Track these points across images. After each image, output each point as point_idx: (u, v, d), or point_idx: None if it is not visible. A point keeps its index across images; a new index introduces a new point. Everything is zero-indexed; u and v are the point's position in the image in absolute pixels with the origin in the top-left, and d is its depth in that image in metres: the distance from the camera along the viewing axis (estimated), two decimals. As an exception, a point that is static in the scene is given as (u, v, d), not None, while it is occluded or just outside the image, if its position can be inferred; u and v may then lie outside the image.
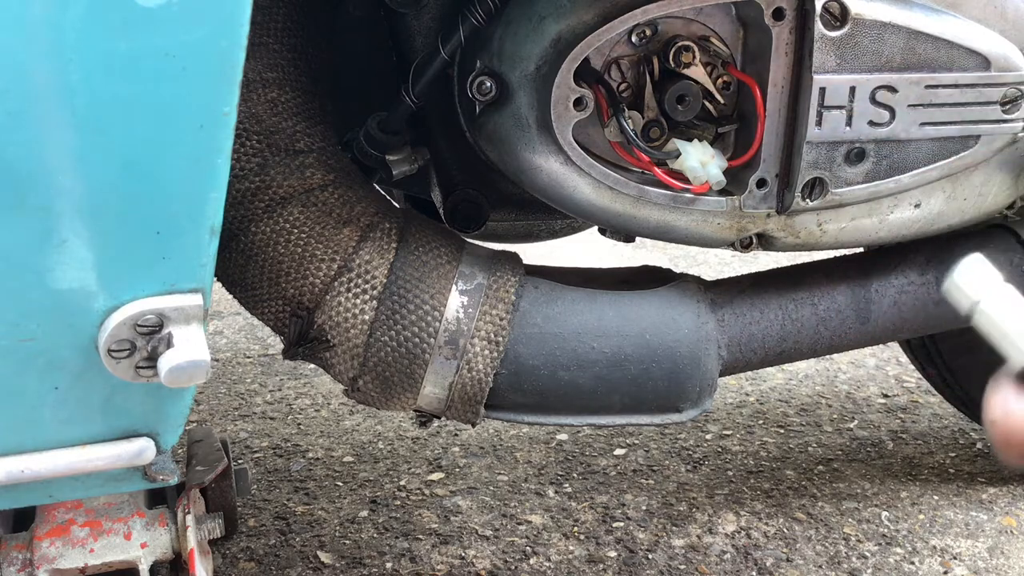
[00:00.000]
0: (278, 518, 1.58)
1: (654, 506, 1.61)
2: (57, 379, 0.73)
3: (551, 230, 1.37)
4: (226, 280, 0.99)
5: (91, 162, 0.62)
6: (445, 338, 0.97)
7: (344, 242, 0.96)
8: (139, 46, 0.58)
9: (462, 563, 1.46)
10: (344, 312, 0.96)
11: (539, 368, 1.00)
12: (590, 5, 0.93)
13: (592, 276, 1.12)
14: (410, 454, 1.78)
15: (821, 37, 0.91)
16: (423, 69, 1.03)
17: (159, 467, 0.86)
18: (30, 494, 0.83)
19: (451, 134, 1.13)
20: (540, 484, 1.68)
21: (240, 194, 0.93)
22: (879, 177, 0.99)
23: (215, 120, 0.63)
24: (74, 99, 0.59)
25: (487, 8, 0.98)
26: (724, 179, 0.96)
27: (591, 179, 0.97)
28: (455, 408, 1.02)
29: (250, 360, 2.19)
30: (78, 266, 0.66)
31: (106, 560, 1.04)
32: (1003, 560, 1.47)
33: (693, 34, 0.96)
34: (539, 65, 0.94)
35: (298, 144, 0.95)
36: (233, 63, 0.61)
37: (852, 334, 1.14)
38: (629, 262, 1.30)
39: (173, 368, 0.69)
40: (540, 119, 0.95)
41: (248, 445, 1.81)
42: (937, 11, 0.95)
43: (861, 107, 0.94)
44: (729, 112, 1.00)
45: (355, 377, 0.99)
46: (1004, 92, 0.98)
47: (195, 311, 0.70)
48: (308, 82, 0.98)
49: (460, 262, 1.00)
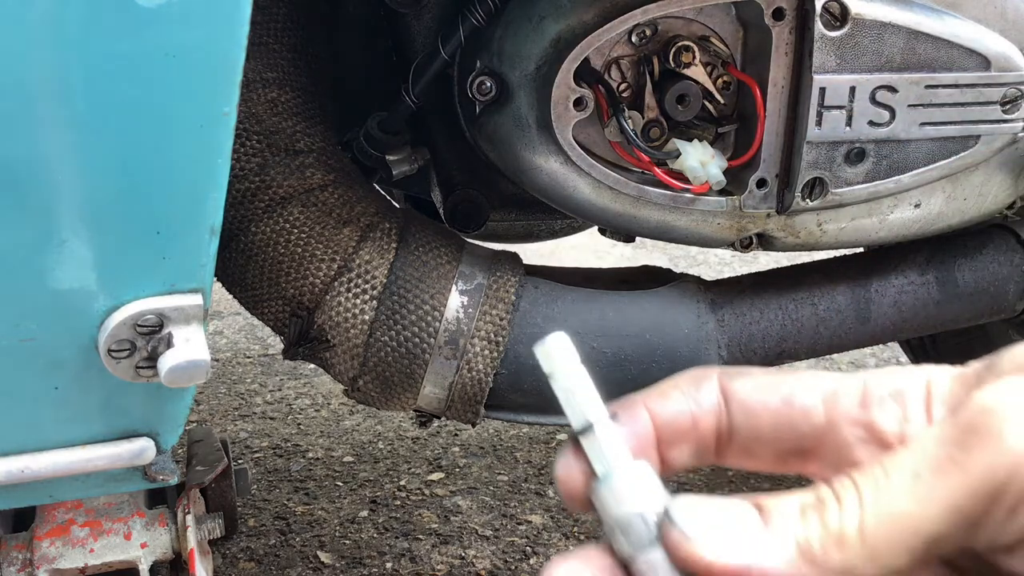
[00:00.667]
0: (278, 518, 1.58)
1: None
2: (57, 379, 0.73)
3: (551, 230, 1.37)
4: (226, 280, 0.99)
5: (91, 162, 0.62)
6: (445, 338, 0.97)
7: (344, 242, 0.96)
8: (139, 46, 0.58)
9: (462, 563, 1.46)
10: (344, 312, 0.96)
11: (539, 368, 1.00)
12: (590, 5, 0.93)
13: (592, 276, 1.12)
14: (410, 454, 1.78)
15: (821, 37, 0.91)
16: (423, 69, 1.03)
17: (159, 467, 0.86)
18: (30, 494, 0.83)
19: (451, 134, 1.13)
20: (540, 484, 1.68)
21: (240, 194, 0.93)
22: (879, 177, 0.99)
23: (215, 120, 0.63)
24: (74, 99, 0.59)
25: (487, 8, 0.98)
26: (724, 179, 0.96)
27: (591, 179, 0.97)
28: (455, 408, 1.02)
29: (250, 360, 2.18)
30: (78, 266, 0.66)
31: (106, 560, 1.04)
32: (1003, 560, 1.47)
33: (693, 34, 0.96)
34: (539, 65, 0.94)
35: (298, 144, 0.95)
36: (233, 63, 0.61)
37: (852, 334, 1.13)
38: (629, 262, 1.30)
39: (173, 368, 0.69)
40: (540, 119, 0.95)
41: (248, 445, 1.81)
42: (937, 11, 0.95)
43: (861, 107, 0.94)
44: (729, 112, 1.00)
45: (355, 377, 0.99)
46: (1004, 92, 0.98)
47: (195, 311, 0.70)
48: (308, 82, 0.98)
49: (460, 262, 1.00)
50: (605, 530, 0.35)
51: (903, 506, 0.32)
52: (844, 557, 0.32)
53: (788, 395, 0.37)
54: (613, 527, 0.35)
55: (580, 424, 0.37)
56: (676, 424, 0.38)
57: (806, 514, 0.33)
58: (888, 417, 0.36)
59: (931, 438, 0.33)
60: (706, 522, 0.33)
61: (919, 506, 0.32)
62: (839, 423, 0.37)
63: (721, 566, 0.32)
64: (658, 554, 0.34)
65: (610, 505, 0.35)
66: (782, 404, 0.37)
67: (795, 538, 0.32)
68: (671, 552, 0.33)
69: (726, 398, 0.38)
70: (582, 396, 0.38)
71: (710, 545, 0.32)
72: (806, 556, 0.32)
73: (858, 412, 0.36)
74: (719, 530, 0.33)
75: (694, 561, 0.33)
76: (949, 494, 0.31)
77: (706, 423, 0.38)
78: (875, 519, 0.32)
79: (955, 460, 0.32)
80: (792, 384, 0.38)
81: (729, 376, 0.38)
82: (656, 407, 0.38)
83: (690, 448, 0.38)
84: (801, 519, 0.33)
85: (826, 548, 0.32)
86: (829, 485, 0.33)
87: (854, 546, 0.32)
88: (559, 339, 0.38)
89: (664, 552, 0.34)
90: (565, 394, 0.38)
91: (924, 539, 0.32)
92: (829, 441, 0.37)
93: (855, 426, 0.36)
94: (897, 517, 0.32)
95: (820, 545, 0.32)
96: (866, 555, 0.32)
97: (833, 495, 0.33)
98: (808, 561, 0.32)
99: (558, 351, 0.38)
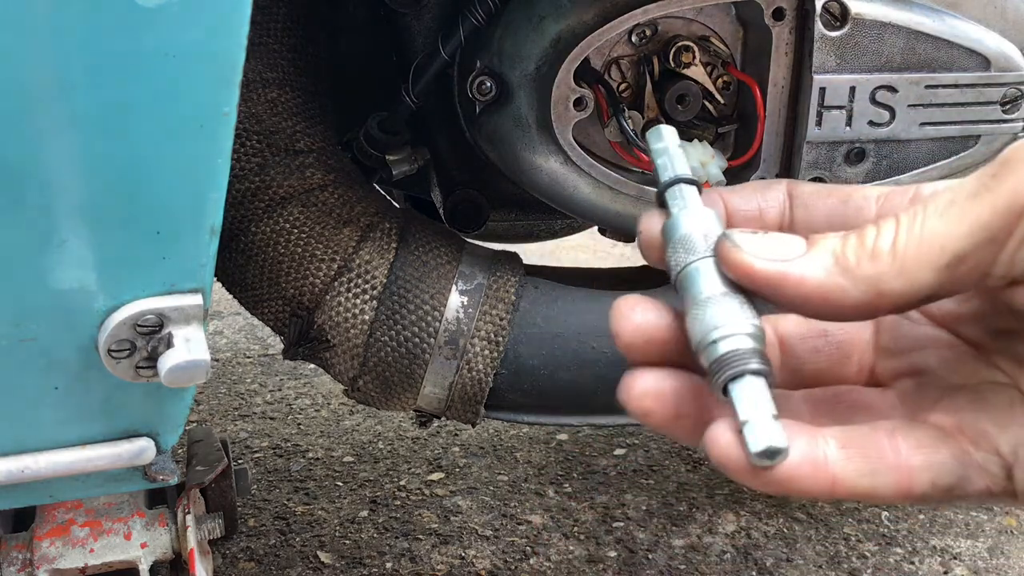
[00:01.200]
0: (278, 518, 1.58)
1: (654, 506, 1.61)
2: (57, 379, 0.73)
3: (551, 230, 1.37)
4: (226, 280, 0.99)
5: (91, 162, 0.62)
6: (445, 338, 0.97)
7: (344, 242, 0.96)
8: (139, 46, 0.58)
9: (462, 563, 1.46)
10: (344, 312, 0.96)
11: (539, 368, 1.00)
12: (590, 5, 0.93)
13: (592, 276, 1.12)
14: (410, 454, 1.78)
15: (821, 37, 0.91)
16: (423, 69, 1.03)
17: (159, 467, 0.86)
18: (30, 494, 0.83)
19: (451, 134, 1.13)
20: (540, 484, 1.68)
21: (240, 194, 0.93)
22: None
23: (215, 120, 0.63)
24: (74, 99, 0.59)
25: (487, 8, 0.98)
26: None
27: (591, 179, 0.97)
28: (455, 408, 1.02)
29: (250, 360, 2.18)
30: (78, 266, 0.66)
31: (106, 560, 1.04)
32: (1003, 560, 1.47)
33: (693, 34, 0.96)
34: (539, 65, 0.94)
35: (298, 144, 0.95)
36: (233, 63, 0.61)
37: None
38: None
39: (173, 368, 0.69)
40: (540, 119, 0.95)
41: (248, 445, 1.81)
42: (937, 11, 0.95)
43: (861, 107, 0.94)
44: (729, 112, 1.00)
45: (355, 377, 0.99)
46: (1004, 92, 0.98)
47: (195, 311, 0.70)
48: (308, 82, 0.98)
49: (460, 262, 1.00)
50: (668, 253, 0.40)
51: (934, 226, 0.35)
52: (875, 268, 0.35)
53: (845, 196, 0.42)
54: (676, 246, 0.39)
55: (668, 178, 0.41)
56: (745, 213, 0.42)
57: (847, 236, 0.36)
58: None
59: (969, 178, 0.36)
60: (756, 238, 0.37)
61: (949, 225, 0.34)
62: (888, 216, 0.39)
63: (761, 269, 0.36)
64: (709, 262, 0.38)
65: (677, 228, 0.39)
66: (839, 202, 0.42)
67: (832, 251, 0.35)
68: (720, 257, 0.37)
69: (791, 198, 0.42)
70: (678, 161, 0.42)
71: (755, 253, 0.36)
72: (840, 265, 0.35)
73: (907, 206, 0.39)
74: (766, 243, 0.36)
75: (738, 265, 0.36)
76: (977, 212, 0.34)
77: (771, 216, 0.42)
78: (907, 236, 0.35)
79: (987, 186, 0.34)
80: (851, 189, 0.42)
81: (795, 183, 0.43)
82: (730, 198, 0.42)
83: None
84: (842, 240, 0.36)
85: (860, 259, 0.35)
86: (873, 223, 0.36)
87: (885, 259, 0.35)
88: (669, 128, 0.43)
89: (714, 260, 0.38)
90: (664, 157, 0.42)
91: (950, 255, 0.34)
92: None
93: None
94: (928, 235, 0.35)
95: (855, 256, 0.35)
96: (896, 268, 0.34)
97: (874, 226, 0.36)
98: (842, 269, 0.35)
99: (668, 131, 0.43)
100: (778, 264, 0.35)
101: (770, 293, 0.36)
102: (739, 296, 0.37)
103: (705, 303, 0.37)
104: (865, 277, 0.34)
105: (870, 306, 0.35)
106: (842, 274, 0.35)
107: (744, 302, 0.37)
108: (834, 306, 0.35)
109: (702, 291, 0.37)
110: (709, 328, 0.36)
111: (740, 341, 0.36)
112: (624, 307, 0.39)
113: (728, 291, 0.37)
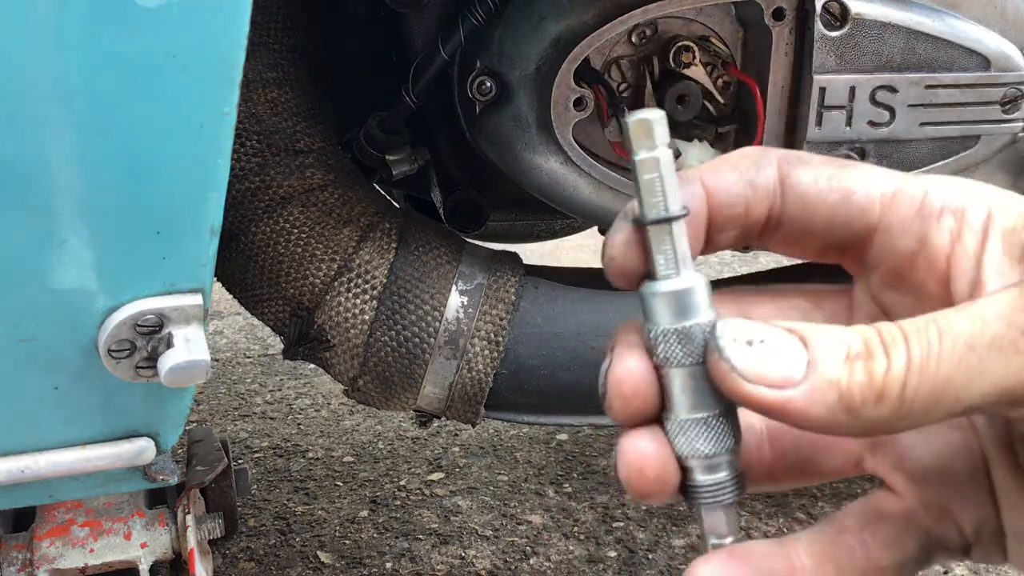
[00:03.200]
0: (278, 518, 1.58)
1: (654, 506, 1.61)
2: (57, 379, 0.73)
3: (551, 230, 1.37)
4: (226, 280, 0.99)
5: (91, 162, 0.62)
6: (445, 338, 0.97)
7: (344, 242, 0.96)
8: (139, 46, 0.58)
9: (462, 563, 1.46)
10: (344, 312, 0.96)
11: (539, 368, 1.00)
12: (590, 5, 0.93)
13: (592, 276, 1.12)
14: (410, 454, 1.78)
15: (821, 37, 0.91)
16: (423, 69, 1.03)
17: (159, 467, 0.86)
18: (30, 494, 0.83)
19: (451, 134, 1.13)
20: (540, 484, 1.68)
21: (240, 194, 0.93)
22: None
23: (215, 120, 0.63)
24: (74, 99, 0.59)
25: (487, 8, 0.98)
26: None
27: (591, 179, 0.97)
28: (455, 408, 1.02)
29: (250, 360, 2.19)
30: (78, 266, 0.66)
31: (106, 560, 1.04)
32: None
33: (693, 34, 0.96)
34: (539, 65, 0.94)
35: (298, 144, 0.95)
36: (233, 63, 0.61)
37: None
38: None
39: (173, 368, 0.69)
40: (540, 119, 0.95)
41: (248, 445, 1.81)
42: (937, 11, 0.95)
43: (861, 107, 0.94)
44: (729, 112, 1.00)
45: (355, 377, 0.99)
46: (1004, 92, 0.98)
47: (195, 311, 0.70)
48: (308, 82, 0.98)
49: (460, 262, 1.00)
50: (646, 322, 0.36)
51: (951, 375, 0.31)
52: (881, 412, 0.32)
53: (848, 190, 0.37)
54: (659, 339, 0.35)
55: (655, 214, 0.35)
56: (728, 211, 0.37)
57: (852, 361, 0.32)
58: (942, 231, 0.36)
59: (993, 311, 0.32)
60: (751, 354, 0.33)
61: (968, 379, 0.31)
62: (892, 227, 0.36)
63: (758, 397, 0.33)
64: (698, 370, 0.35)
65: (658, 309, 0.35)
66: (840, 199, 0.37)
67: (838, 386, 0.32)
68: (711, 373, 0.34)
69: (784, 186, 0.37)
70: (669, 184, 0.35)
71: (750, 376, 0.33)
72: (845, 404, 0.32)
73: (914, 220, 0.36)
74: (761, 360, 0.33)
75: (732, 390, 0.33)
76: (1002, 375, 0.31)
77: (758, 211, 0.37)
78: (919, 381, 0.31)
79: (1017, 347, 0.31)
80: (854, 177, 0.37)
81: (790, 163, 0.38)
82: (712, 183, 0.37)
83: (736, 233, 0.38)
84: (846, 365, 0.32)
85: (866, 401, 0.32)
86: (878, 332, 0.33)
87: (893, 403, 0.32)
88: (658, 113, 0.35)
89: (704, 369, 0.34)
90: (649, 176, 0.35)
91: (964, 407, 0.32)
92: (877, 243, 0.37)
93: (907, 235, 0.36)
94: (943, 385, 0.31)
95: (861, 397, 0.32)
96: (903, 414, 0.32)
97: (882, 345, 0.32)
98: (846, 410, 0.32)
99: (658, 123, 0.34)
100: (776, 394, 0.33)
101: (767, 415, 0.34)
102: (723, 406, 0.35)
103: (684, 425, 0.35)
104: (870, 419, 0.32)
105: (870, 436, 0.34)
106: (845, 412, 0.32)
107: (728, 415, 0.36)
108: (833, 435, 0.34)
109: (684, 406, 0.35)
110: (688, 453, 0.36)
111: (718, 472, 0.36)
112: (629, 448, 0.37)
113: (712, 408, 0.35)
